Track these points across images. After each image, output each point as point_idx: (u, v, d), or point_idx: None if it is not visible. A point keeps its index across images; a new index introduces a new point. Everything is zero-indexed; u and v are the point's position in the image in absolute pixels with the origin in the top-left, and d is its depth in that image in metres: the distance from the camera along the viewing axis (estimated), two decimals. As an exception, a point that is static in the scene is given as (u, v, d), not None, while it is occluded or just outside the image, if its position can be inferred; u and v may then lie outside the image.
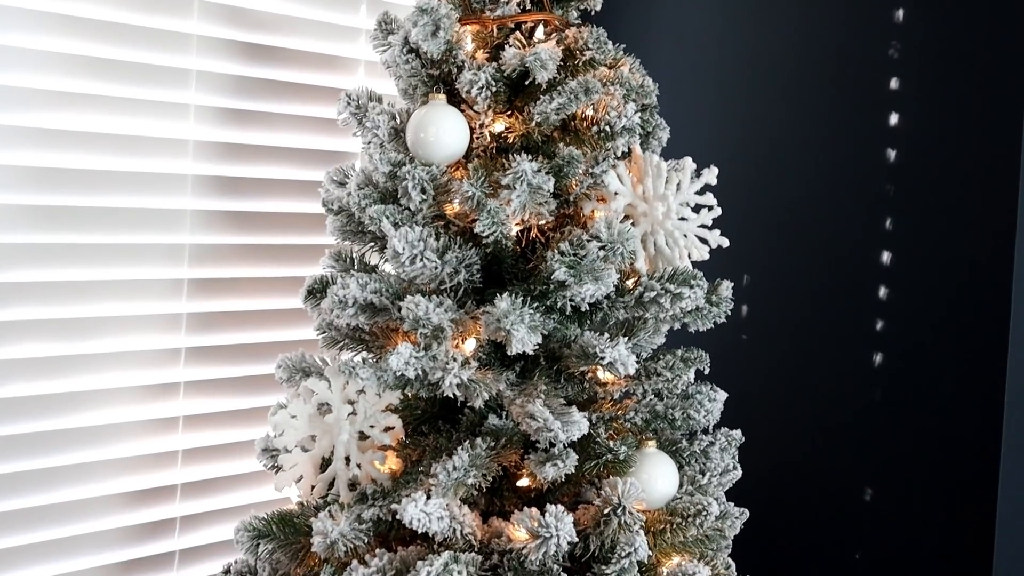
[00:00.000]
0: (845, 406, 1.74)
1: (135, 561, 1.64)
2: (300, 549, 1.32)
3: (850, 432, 1.74)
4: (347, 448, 1.31)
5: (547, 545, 1.18)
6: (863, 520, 1.72)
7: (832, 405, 1.76)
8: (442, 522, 1.20)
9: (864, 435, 1.72)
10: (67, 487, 1.56)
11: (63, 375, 1.54)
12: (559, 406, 1.25)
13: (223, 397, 1.71)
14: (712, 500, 1.31)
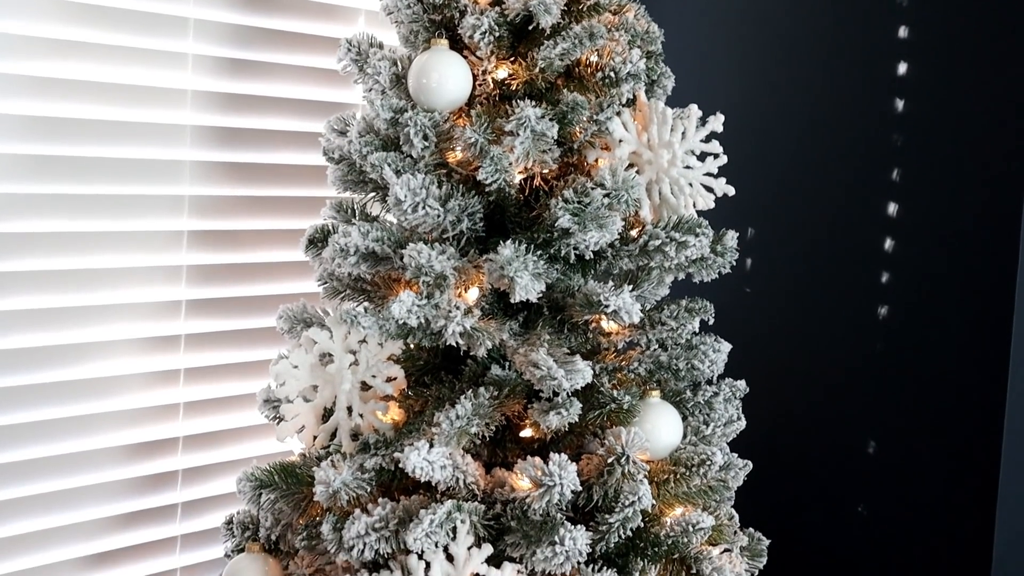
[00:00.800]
0: (849, 358, 1.74)
1: (138, 513, 1.64)
2: (302, 499, 1.32)
3: (854, 384, 1.73)
4: (349, 398, 1.30)
5: (550, 494, 1.17)
6: (866, 473, 1.72)
7: (836, 357, 1.75)
8: (445, 471, 1.19)
9: (868, 387, 1.72)
10: (69, 439, 1.55)
11: (63, 327, 1.53)
12: (562, 355, 1.24)
13: (224, 350, 1.70)
14: (716, 450, 1.31)
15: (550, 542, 1.17)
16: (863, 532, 1.73)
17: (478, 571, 1.17)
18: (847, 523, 1.74)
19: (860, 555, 1.74)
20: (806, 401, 1.80)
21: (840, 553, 1.76)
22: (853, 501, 1.73)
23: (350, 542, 1.18)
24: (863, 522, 1.73)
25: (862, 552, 1.73)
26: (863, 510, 1.73)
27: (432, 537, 1.15)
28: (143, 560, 1.65)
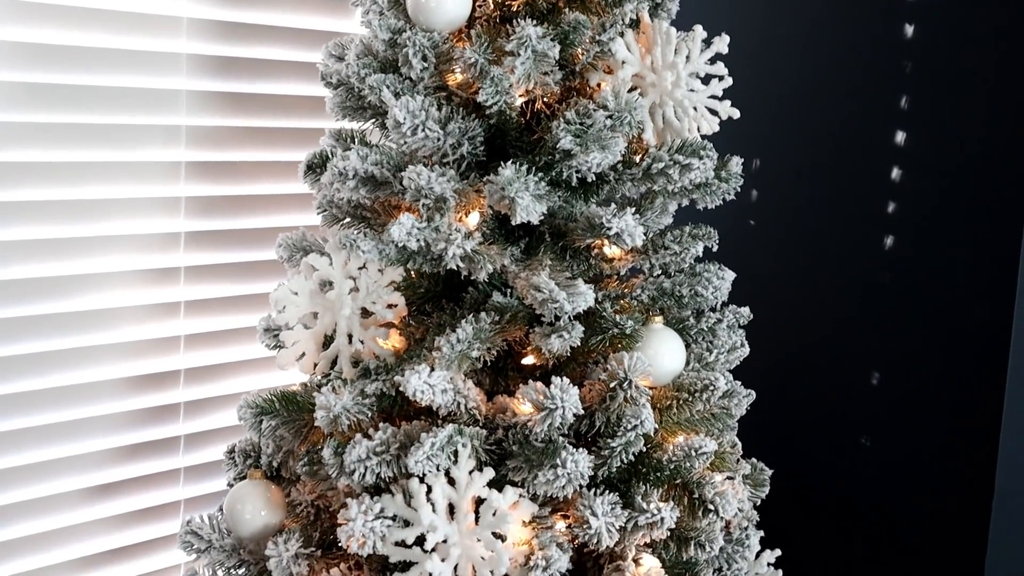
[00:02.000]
0: (854, 289, 1.72)
1: (141, 445, 1.64)
2: (303, 425, 1.31)
3: (858, 316, 1.72)
4: (349, 324, 1.29)
5: (552, 417, 1.17)
6: (870, 405, 1.71)
7: (841, 289, 1.74)
8: (446, 395, 1.19)
9: (872, 319, 1.70)
10: (70, 371, 1.55)
11: (60, 258, 1.52)
12: (564, 279, 1.23)
13: (224, 283, 1.69)
14: (719, 375, 1.30)
15: (552, 465, 1.16)
16: (866, 464, 1.73)
17: (480, 494, 1.17)
18: (851, 455, 1.74)
19: (863, 487, 1.74)
20: (810, 333, 1.79)
21: (843, 484, 1.76)
22: (856, 433, 1.73)
23: (351, 466, 1.17)
24: (866, 454, 1.73)
25: (865, 484, 1.73)
26: (866, 441, 1.73)
27: (433, 460, 1.14)
28: (146, 492, 1.66)
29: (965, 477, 1.63)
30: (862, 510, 1.74)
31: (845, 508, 1.76)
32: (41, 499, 1.55)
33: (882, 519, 1.72)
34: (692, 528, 1.29)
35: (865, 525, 1.74)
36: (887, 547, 1.72)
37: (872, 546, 1.74)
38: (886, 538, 1.72)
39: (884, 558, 1.73)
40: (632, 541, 1.23)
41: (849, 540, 1.76)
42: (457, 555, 1.15)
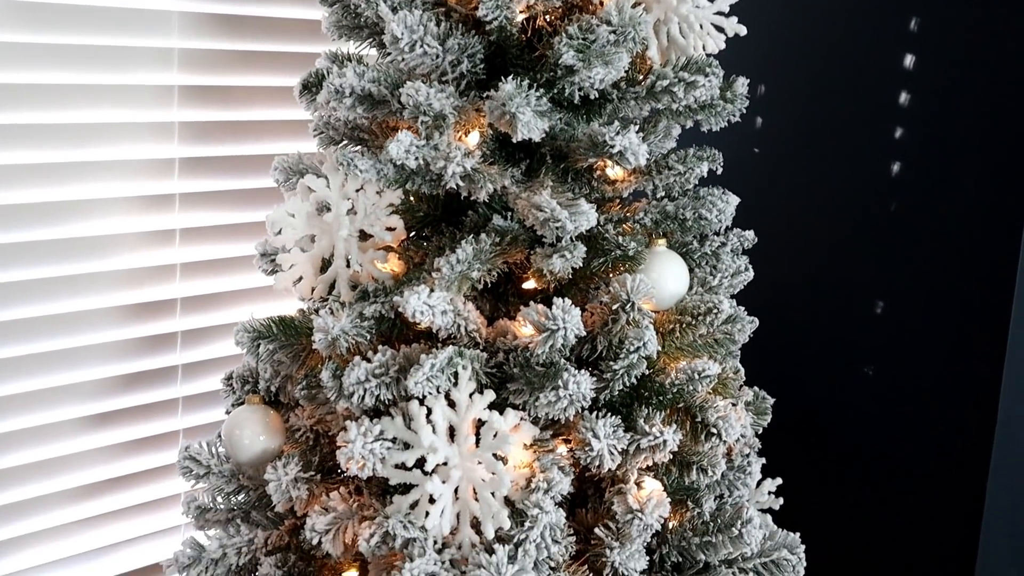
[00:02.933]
0: (860, 217, 1.70)
1: (139, 374, 1.63)
2: (301, 350, 1.30)
3: (864, 244, 1.70)
4: (347, 247, 1.27)
5: (554, 338, 1.15)
6: (874, 334, 1.70)
7: (847, 216, 1.71)
8: (446, 316, 1.17)
9: (878, 247, 1.68)
10: (64, 299, 1.53)
11: (51, 183, 1.49)
12: (566, 199, 1.21)
13: (219, 211, 1.66)
14: (723, 299, 1.28)
15: (553, 387, 1.15)
16: (869, 393, 1.72)
17: (480, 417, 1.15)
18: (854, 385, 1.73)
19: (866, 416, 1.73)
20: (814, 261, 1.77)
21: (846, 414, 1.75)
22: (860, 362, 1.72)
23: (350, 388, 1.16)
24: (869, 383, 1.72)
25: (868, 413, 1.73)
26: (869, 371, 1.71)
27: (433, 381, 1.13)
28: (145, 422, 1.65)
29: (968, 407, 1.62)
30: (864, 439, 1.74)
31: (847, 437, 1.75)
32: (40, 427, 1.54)
33: (884, 449, 1.72)
34: (694, 452, 1.28)
35: (867, 455, 1.74)
36: (889, 477, 1.72)
37: (874, 476, 1.74)
38: (888, 468, 1.72)
39: (886, 488, 1.72)
40: (634, 464, 1.22)
41: (851, 470, 1.76)
42: (458, 477, 1.14)
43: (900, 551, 1.72)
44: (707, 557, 1.28)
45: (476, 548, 1.14)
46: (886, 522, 1.73)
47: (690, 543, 1.28)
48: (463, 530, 1.15)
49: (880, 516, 1.74)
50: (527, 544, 1.12)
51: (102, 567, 1.64)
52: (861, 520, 1.76)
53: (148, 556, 1.68)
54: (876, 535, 1.75)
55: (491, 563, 1.10)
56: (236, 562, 1.32)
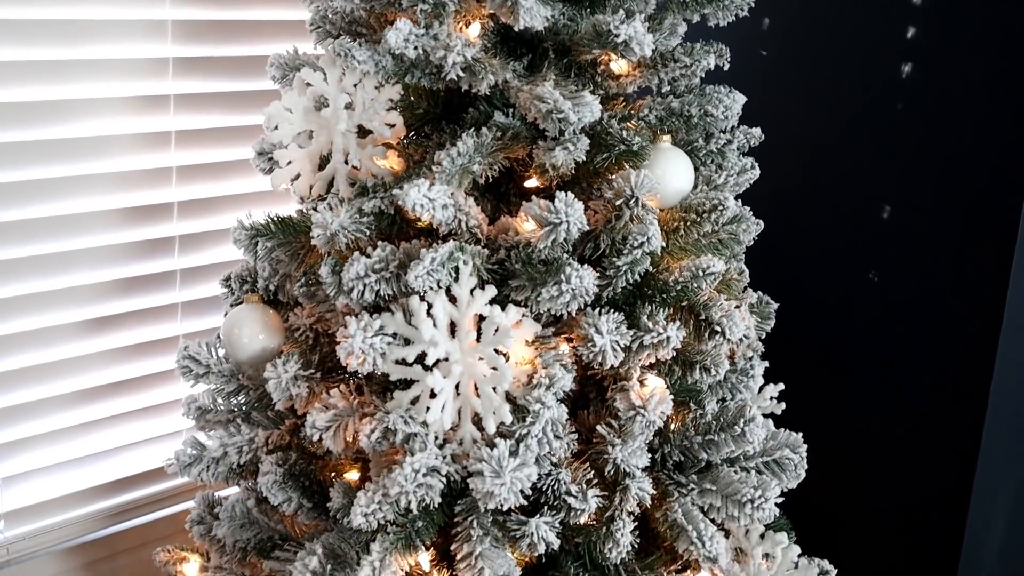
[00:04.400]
0: (869, 117, 1.66)
1: (136, 279, 1.61)
2: (300, 248, 1.28)
3: (872, 145, 1.67)
4: (345, 142, 1.24)
5: (556, 232, 1.13)
6: (879, 238, 1.68)
7: (855, 116, 1.68)
8: (446, 211, 1.14)
9: (886, 149, 1.65)
10: (59, 201, 1.51)
11: (43, 83, 1.46)
12: (569, 91, 1.18)
13: (215, 113, 1.63)
14: (728, 195, 1.26)
15: (556, 281, 1.13)
16: (873, 298, 1.70)
17: (481, 312, 1.14)
18: (858, 290, 1.71)
19: (869, 321, 1.71)
20: (821, 165, 1.74)
21: (849, 319, 1.74)
22: (865, 267, 1.70)
23: (349, 283, 1.14)
24: (873, 288, 1.70)
25: (871, 318, 1.71)
26: (874, 277, 1.70)
27: (434, 276, 1.11)
28: (144, 326, 1.64)
29: (973, 313, 1.61)
30: (867, 345, 1.73)
31: (850, 343, 1.74)
32: (39, 330, 1.53)
33: (887, 355, 1.71)
34: (697, 352, 1.27)
35: (870, 361, 1.73)
36: (892, 384, 1.72)
37: (876, 382, 1.73)
38: (891, 375, 1.71)
39: (888, 395, 1.72)
40: (636, 362, 1.21)
41: (853, 376, 1.75)
42: (459, 373, 1.13)
43: (901, 457, 1.72)
44: (709, 456, 1.28)
45: (477, 444, 1.14)
46: (888, 429, 1.73)
47: (692, 442, 1.27)
48: (464, 426, 1.15)
49: (882, 422, 1.74)
50: (529, 439, 1.12)
51: (104, 470, 1.65)
52: (863, 426, 1.76)
53: (150, 460, 1.68)
54: (878, 441, 1.75)
55: (492, 457, 1.09)
56: (237, 461, 1.32)
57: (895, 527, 1.75)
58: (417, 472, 1.10)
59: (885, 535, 1.77)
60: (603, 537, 1.20)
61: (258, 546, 1.34)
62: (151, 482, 1.70)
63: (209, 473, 1.32)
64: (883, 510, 1.76)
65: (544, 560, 1.26)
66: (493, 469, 1.09)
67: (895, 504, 1.74)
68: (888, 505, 1.75)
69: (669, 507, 1.24)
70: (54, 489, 1.59)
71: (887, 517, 1.76)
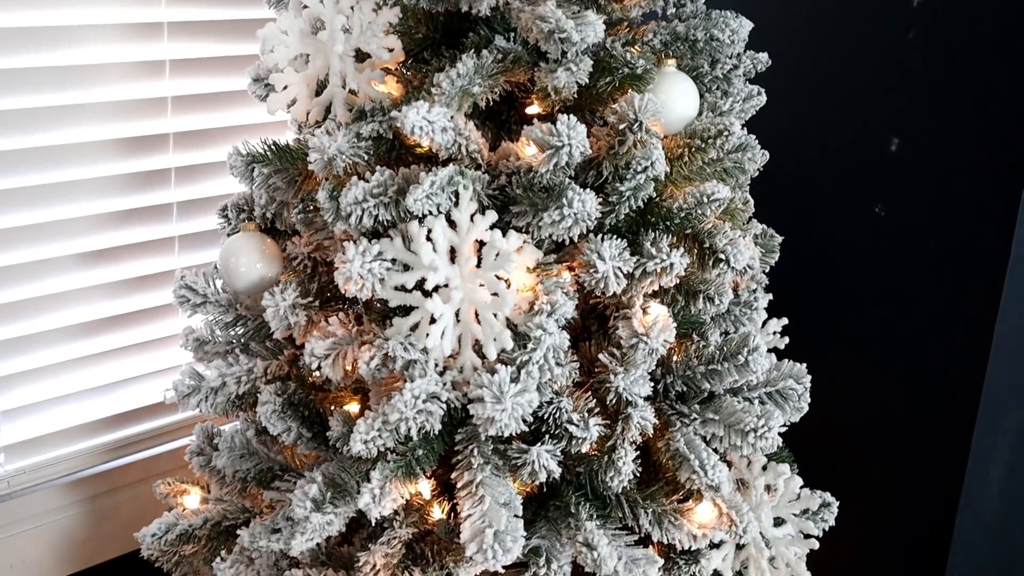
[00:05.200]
0: (878, 47, 1.63)
1: (133, 211, 1.59)
2: (297, 175, 1.26)
3: (881, 76, 1.63)
4: (343, 66, 1.22)
5: (559, 156, 1.10)
6: (887, 171, 1.65)
7: (864, 46, 1.65)
8: (446, 134, 1.12)
9: (896, 79, 1.62)
10: (53, 130, 1.48)
11: (36, 7, 1.43)
12: (572, 11, 1.15)
13: (210, 41, 1.60)
14: (735, 120, 1.23)
15: (557, 205, 1.11)
16: (879, 232, 1.68)
17: (482, 238, 1.12)
18: (863, 223, 1.69)
19: (875, 255, 1.69)
20: (829, 93, 1.71)
21: (855, 253, 1.72)
22: (871, 200, 1.67)
23: (347, 208, 1.12)
24: (879, 223, 1.68)
25: (875, 253, 1.69)
26: (880, 211, 1.67)
27: (433, 199, 1.09)
28: (142, 259, 1.62)
29: (980, 246, 1.59)
30: (872, 280, 1.71)
31: (855, 278, 1.73)
32: (35, 263, 1.51)
33: (893, 290, 1.69)
34: (701, 281, 1.25)
35: (875, 296, 1.71)
36: (896, 318, 1.70)
37: (881, 316, 1.72)
38: (896, 309, 1.70)
39: (892, 329, 1.71)
40: (639, 290, 1.19)
41: (857, 310, 1.74)
42: (459, 299, 1.12)
43: (904, 391, 1.71)
44: (711, 386, 1.26)
45: (478, 371, 1.12)
46: (891, 364, 1.72)
47: (695, 372, 1.26)
48: (464, 353, 1.13)
49: (885, 357, 1.73)
50: (530, 365, 1.10)
51: (104, 405, 1.64)
52: (866, 361, 1.75)
53: (150, 395, 1.68)
54: (880, 376, 1.74)
55: (493, 382, 1.08)
56: (235, 391, 1.31)
57: (897, 462, 1.75)
58: (417, 398, 1.09)
59: (886, 470, 1.76)
60: (604, 466, 1.19)
61: (258, 476, 1.33)
62: (151, 417, 1.69)
63: (208, 403, 1.31)
64: (885, 445, 1.76)
65: (545, 490, 1.25)
66: (494, 395, 1.07)
67: (897, 439, 1.74)
68: (890, 440, 1.75)
69: (671, 437, 1.23)
70: (54, 423, 1.59)
71: (889, 452, 1.75)
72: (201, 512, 1.42)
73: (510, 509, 1.13)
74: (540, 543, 1.22)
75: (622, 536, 1.22)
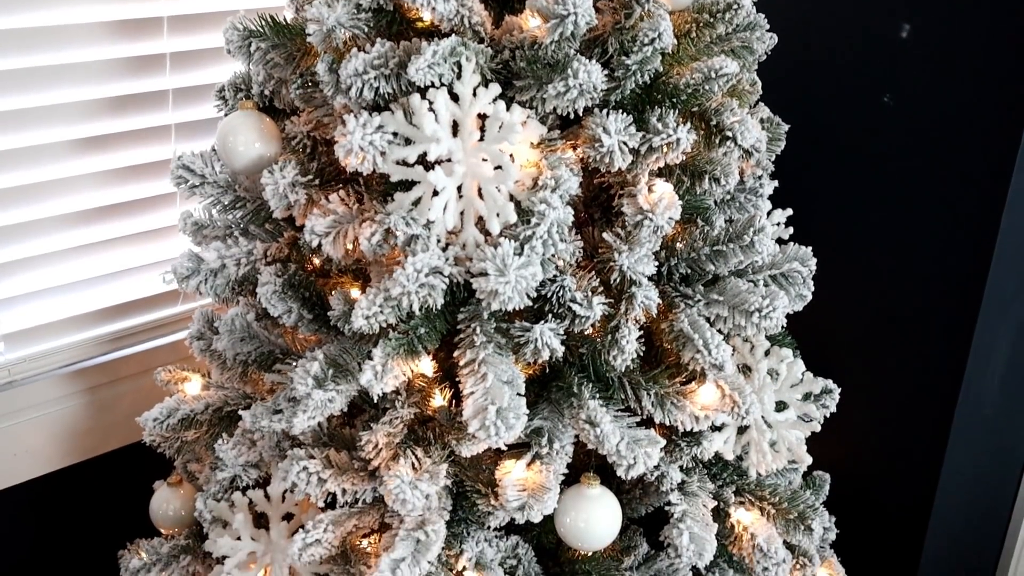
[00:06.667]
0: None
1: (128, 97, 1.56)
2: (295, 51, 1.23)
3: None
4: (341, -65, 1.18)
5: (564, 25, 1.07)
6: (896, 60, 1.62)
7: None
8: (448, 4, 1.09)
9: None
10: (40, 11, 1.44)
11: None
12: None
13: (205, -78, 1.56)
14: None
15: (562, 77, 1.08)
16: (885, 124, 1.66)
17: (485, 111, 1.10)
18: (871, 114, 1.66)
19: (882, 146, 1.67)
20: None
21: (861, 143, 1.69)
22: (879, 89, 1.64)
23: (347, 80, 1.09)
24: (888, 113, 1.65)
25: (884, 143, 1.67)
26: (888, 100, 1.64)
27: (436, 69, 1.06)
28: (138, 147, 1.59)
29: (990, 138, 1.56)
30: (879, 171, 1.69)
31: (862, 168, 1.71)
32: (28, 148, 1.48)
33: (899, 181, 1.67)
34: (707, 161, 1.23)
35: (881, 186, 1.69)
36: (902, 212, 1.68)
37: (886, 209, 1.70)
38: (902, 201, 1.68)
39: (898, 223, 1.69)
40: (645, 167, 1.17)
41: (862, 202, 1.72)
42: (462, 173, 1.10)
43: (907, 287, 1.71)
44: (716, 268, 1.25)
45: (480, 247, 1.11)
46: (895, 258, 1.71)
47: (699, 254, 1.25)
48: (467, 228, 1.12)
49: (889, 251, 1.71)
50: (533, 240, 1.09)
51: (104, 295, 1.63)
52: (870, 254, 1.74)
53: (150, 286, 1.67)
54: (884, 270, 1.73)
55: (497, 255, 1.07)
56: (235, 273, 1.30)
57: (898, 355, 1.75)
58: (419, 272, 1.07)
59: (888, 363, 1.76)
60: (608, 345, 1.18)
61: (259, 360, 1.32)
62: (151, 309, 1.68)
63: (207, 286, 1.30)
64: (886, 339, 1.76)
65: (547, 371, 1.25)
66: (497, 267, 1.06)
67: (899, 333, 1.74)
68: (892, 334, 1.74)
69: (675, 318, 1.23)
70: (53, 312, 1.58)
71: (890, 346, 1.75)
72: (202, 398, 1.42)
73: (513, 387, 1.13)
74: (542, 424, 1.22)
75: (624, 417, 1.22)
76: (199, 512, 1.34)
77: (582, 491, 1.22)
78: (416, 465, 1.17)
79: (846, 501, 1.66)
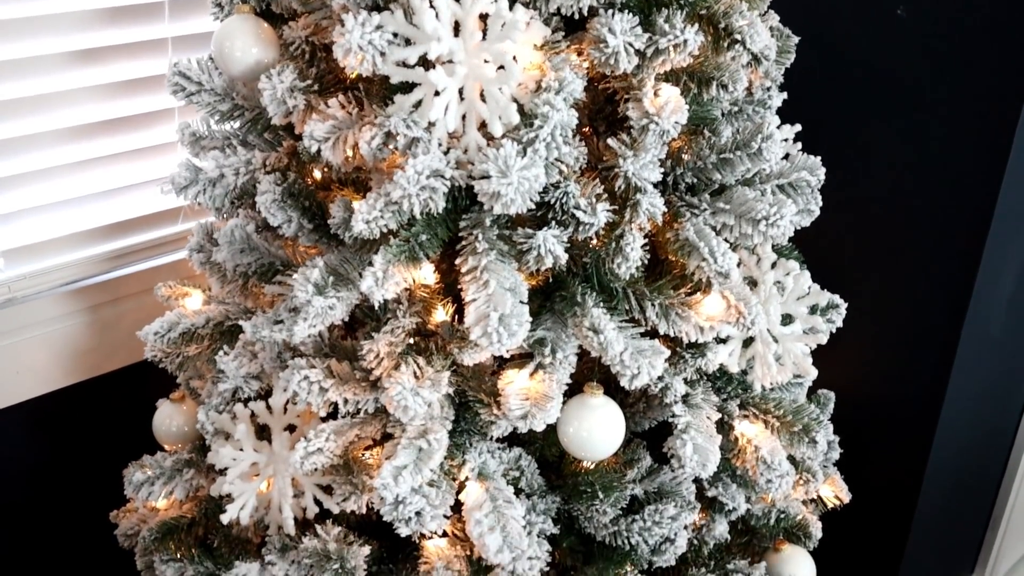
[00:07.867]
0: None
1: (123, 9, 1.52)
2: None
3: None
4: None
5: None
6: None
7: None
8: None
9: None
10: (35, -83, 1.41)
11: None
12: None
13: None
14: None
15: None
16: (900, 35, 1.62)
17: (487, 11, 1.07)
18: (883, 24, 1.63)
19: (894, 59, 1.64)
20: None
21: (872, 55, 1.66)
22: (893, 2, 1.61)
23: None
24: (902, 26, 1.61)
25: (895, 59, 1.63)
26: (902, 12, 1.61)
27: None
28: (134, 60, 1.56)
29: (1004, 52, 1.53)
30: (890, 88, 1.66)
31: (872, 85, 1.67)
32: (20, 60, 1.45)
33: (910, 100, 1.64)
34: (715, 66, 1.20)
35: (893, 101, 1.66)
36: (912, 129, 1.66)
37: (896, 127, 1.67)
38: (912, 122, 1.65)
39: (906, 141, 1.66)
40: (651, 71, 1.15)
41: (873, 116, 1.69)
42: (463, 75, 1.07)
43: (916, 202, 1.68)
44: (723, 177, 1.23)
45: (483, 150, 1.09)
46: (904, 177, 1.69)
47: (706, 162, 1.22)
48: (469, 132, 1.10)
49: (898, 170, 1.69)
50: (537, 143, 1.07)
51: (103, 212, 1.61)
52: (879, 173, 1.71)
53: (150, 204, 1.65)
54: (892, 189, 1.71)
55: (499, 157, 1.05)
56: (234, 183, 1.28)
57: (904, 273, 1.73)
58: (420, 174, 1.05)
59: (895, 282, 1.75)
60: (612, 253, 1.17)
61: (259, 271, 1.31)
62: (151, 227, 1.67)
63: (205, 196, 1.29)
64: (894, 258, 1.74)
65: (551, 281, 1.24)
66: (500, 169, 1.04)
67: (907, 252, 1.72)
68: (900, 252, 1.73)
69: (680, 227, 1.21)
70: (53, 229, 1.56)
71: (897, 266, 1.74)
72: (203, 312, 1.41)
73: (515, 294, 1.11)
74: (545, 334, 1.21)
75: (628, 328, 1.21)
76: (201, 424, 1.34)
77: (585, 400, 1.21)
78: (418, 373, 1.16)
79: (850, 420, 1.66)
